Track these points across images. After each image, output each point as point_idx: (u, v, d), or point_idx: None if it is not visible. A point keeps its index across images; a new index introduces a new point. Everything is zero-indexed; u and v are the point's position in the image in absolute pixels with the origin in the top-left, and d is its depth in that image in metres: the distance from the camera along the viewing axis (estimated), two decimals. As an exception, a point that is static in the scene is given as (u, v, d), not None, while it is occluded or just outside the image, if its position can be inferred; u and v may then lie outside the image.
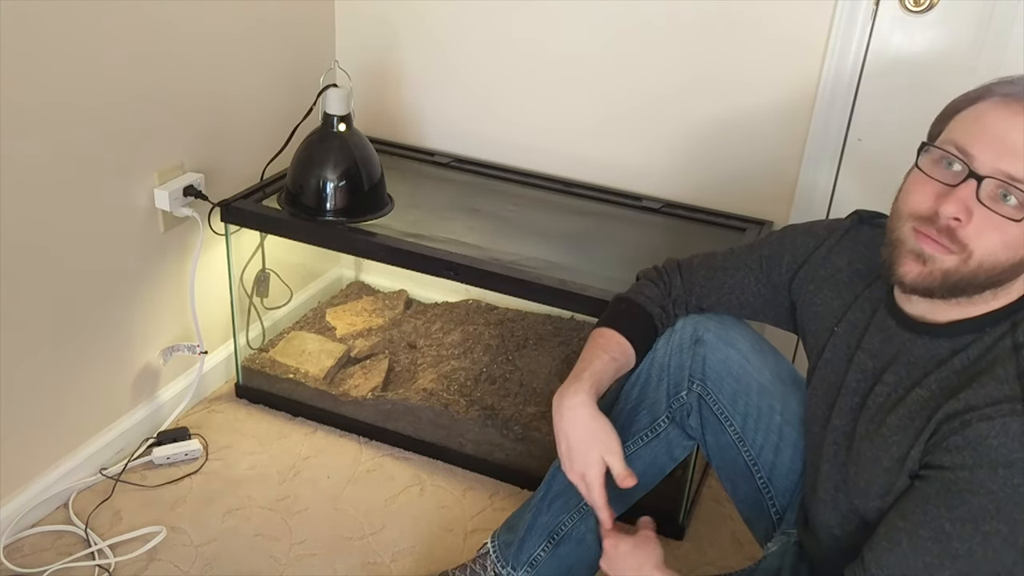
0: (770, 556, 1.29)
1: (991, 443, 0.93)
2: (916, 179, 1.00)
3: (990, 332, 0.99)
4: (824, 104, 1.78)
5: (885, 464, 1.04)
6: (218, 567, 1.58)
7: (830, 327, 1.18)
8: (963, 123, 0.98)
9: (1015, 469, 0.92)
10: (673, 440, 1.36)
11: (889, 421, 1.04)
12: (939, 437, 0.97)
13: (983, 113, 0.96)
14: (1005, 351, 0.97)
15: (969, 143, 0.95)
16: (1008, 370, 0.95)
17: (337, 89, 1.75)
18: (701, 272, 1.34)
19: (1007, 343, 0.98)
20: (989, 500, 0.93)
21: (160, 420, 1.89)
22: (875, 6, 1.68)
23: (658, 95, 1.92)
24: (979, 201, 0.94)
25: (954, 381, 0.99)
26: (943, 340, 1.02)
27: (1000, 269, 0.96)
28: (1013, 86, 0.97)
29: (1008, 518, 0.93)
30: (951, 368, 1.00)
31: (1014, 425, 0.92)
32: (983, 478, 0.93)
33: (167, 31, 1.66)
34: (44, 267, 1.55)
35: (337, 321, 2.16)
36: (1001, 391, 0.94)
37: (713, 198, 1.93)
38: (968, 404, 0.95)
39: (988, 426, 0.93)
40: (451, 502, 1.77)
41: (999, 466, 0.92)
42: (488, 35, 2.02)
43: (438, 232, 1.78)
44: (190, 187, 1.76)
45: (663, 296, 1.34)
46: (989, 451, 0.93)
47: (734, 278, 1.30)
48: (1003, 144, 0.93)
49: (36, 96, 1.45)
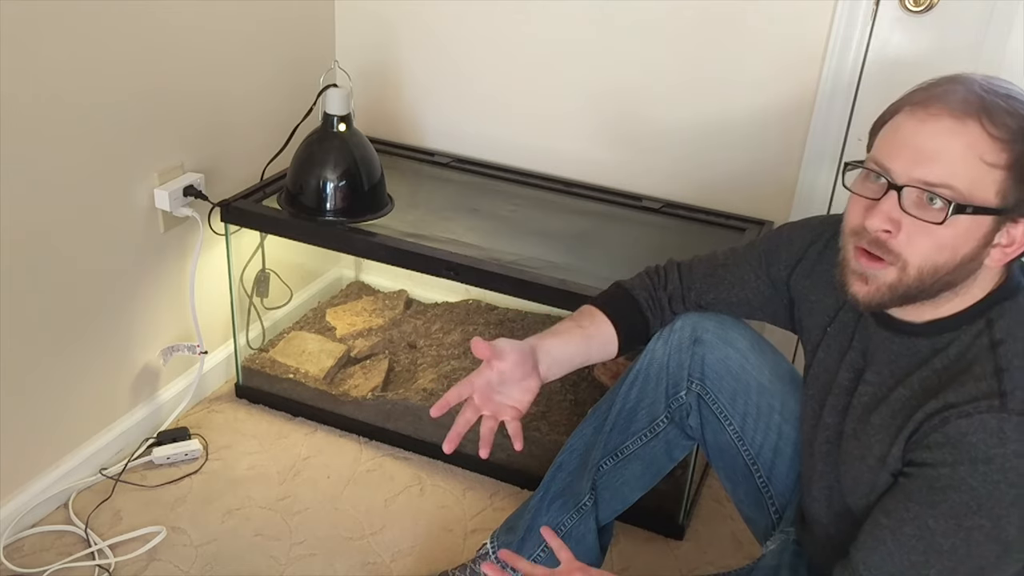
0: (769, 555, 1.29)
1: (970, 440, 0.94)
2: (850, 197, 1.04)
3: (967, 330, 1.01)
4: (824, 104, 1.78)
5: (869, 462, 1.05)
6: (218, 567, 1.58)
7: (823, 325, 1.19)
8: (883, 138, 1.01)
9: (994, 465, 0.93)
10: (672, 440, 1.36)
11: (872, 420, 1.06)
12: (920, 435, 0.99)
13: (898, 126, 0.99)
14: (982, 349, 0.98)
15: (886, 156, 0.98)
16: (986, 367, 0.97)
17: (337, 89, 1.75)
18: (701, 269, 1.34)
19: (984, 341, 0.99)
20: (970, 496, 0.94)
21: (160, 420, 1.89)
22: (875, 6, 1.68)
23: (659, 95, 1.92)
24: (903, 211, 0.96)
25: (934, 381, 1.00)
26: (922, 340, 1.04)
27: (944, 271, 0.97)
28: (924, 92, 0.99)
29: (990, 513, 0.94)
30: (931, 368, 1.02)
31: (992, 422, 0.93)
32: (963, 474, 0.94)
33: (167, 31, 1.66)
34: (44, 267, 1.55)
35: (337, 321, 2.16)
36: (979, 388, 0.95)
37: (713, 198, 1.93)
38: (947, 402, 0.97)
39: (967, 423, 0.94)
40: (451, 502, 1.77)
41: (979, 462, 0.93)
42: (488, 35, 2.02)
43: (438, 232, 1.78)
44: (190, 187, 1.76)
45: (655, 286, 1.35)
46: (968, 448, 0.94)
47: (734, 274, 1.31)
48: (915, 152, 0.96)
49: (36, 96, 1.45)
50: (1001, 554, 0.96)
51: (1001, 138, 0.93)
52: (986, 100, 0.94)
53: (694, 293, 1.34)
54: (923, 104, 0.97)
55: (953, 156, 0.94)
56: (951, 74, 1.00)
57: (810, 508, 1.20)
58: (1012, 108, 0.95)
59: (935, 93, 0.97)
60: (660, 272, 1.37)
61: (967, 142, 0.94)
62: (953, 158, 0.94)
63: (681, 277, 1.35)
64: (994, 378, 0.95)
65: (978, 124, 0.93)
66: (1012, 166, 0.94)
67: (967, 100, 0.95)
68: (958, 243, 0.96)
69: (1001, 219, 0.96)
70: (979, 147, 0.94)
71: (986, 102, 0.94)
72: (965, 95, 0.95)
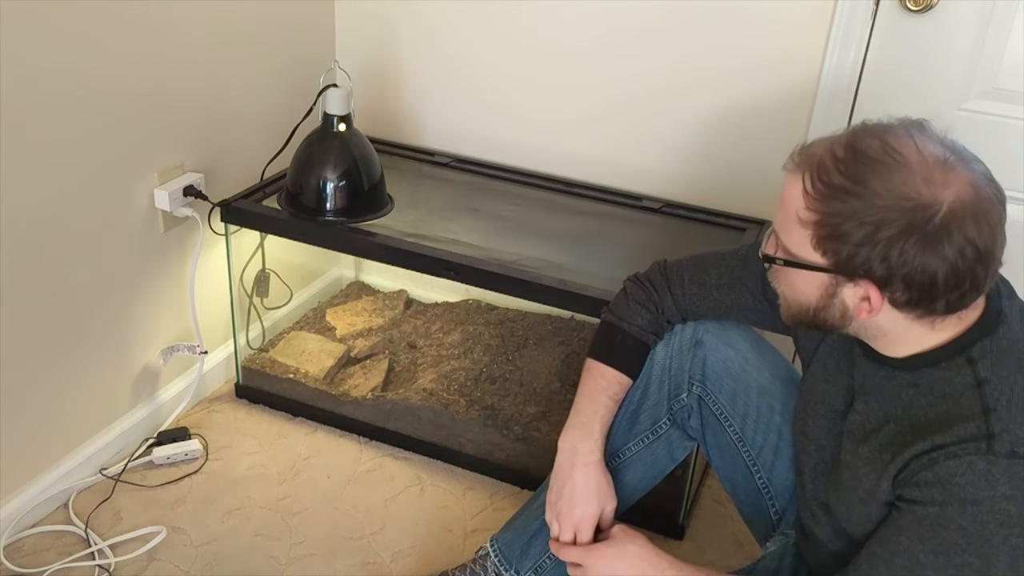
0: (768, 556, 1.29)
1: (958, 481, 0.93)
2: None
3: (947, 366, 0.99)
4: (824, 104, 1.77)
5: (860, 494, 1.05)
6: (218, 567, 1.58)
7: (815, 347, 1.19)
8: None
9: (983, 507, 0.93)
10: (674, 441, 1.37)
11: (861, 452, 1.05)
12: (909, 472, 0.98)
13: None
14: (967, 387, 0.97)
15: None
16: (974, 408, 0.95)
17: (337, 89, 1.75)
18: (694, 291, 1.31)
19: (968, 379, 0.97)
20: (960, 535, 0.94)
21: (160, 420, 1.89)
22: (875, 6, 1.68)
23: (659, 95, 1.92)
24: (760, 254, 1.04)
25: (921, 418, 0.99)
26: (903, 373, 1.02)
27: (812, 312, 1.01)
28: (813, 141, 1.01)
29: (979, 552, 0.94)
30: (918, 404, 1.00)
31: (980, 464, 0.92)
32: (953, 514, 0.94)
33: (167, 31, 1.66)
34: (44, 267, 1.55)
35: (337, 321, 2.16)
36: (967, 430, 0.94)
37: (713, 198, 1.93)
38: (935, 443, 0.96)
39: (955, 464, 0.93)
40: (451, 502, 1.77)
41: (967, 503, 0.93)
42: (488, 35, 2.02)
43: (438, 232, 1.78)
44: (190, 187, 1.76)
45: (655, 321, 1.33)
46: (957, 489, 0.93)
47: (730, 297, 1.28)
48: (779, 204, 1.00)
49: (36, 96, 1.45)
50: None
51: (816, 195, 0.94)
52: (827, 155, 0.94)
53: (692, 316, 1.32)
54: (790, 169, 0.99)
55: (785, 206, 0.98)
56: (910, 121, 0.97)
57: (807, 523, 1.21)
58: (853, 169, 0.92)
59: (814, 140, 0.99)
60: (654, 298, 1.32)
61: (792, 196, 0.96)
62: (784, 208, 0.98)
63: (674, 299, 1.32)
64: (982, 419, 0.94)
65: (802, 179, 0.95)
66: (819, 224, 0.94)
67: (812, 153, 0.96)
68: (799, 291, 1.01)
69: (835, 277, 0.96)
70: (797, 202, 0.96)
71: (825, 158, 0.94)
72: (821, 147, 0.96)
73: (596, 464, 1.28)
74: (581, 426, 1.29)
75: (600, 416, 1.30)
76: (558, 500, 1.28)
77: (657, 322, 1.33)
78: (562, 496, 1.28)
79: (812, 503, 1.18)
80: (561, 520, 1.27)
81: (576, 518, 1.26)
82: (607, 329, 1.35)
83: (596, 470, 1.28)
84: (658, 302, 1.32)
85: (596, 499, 1.27)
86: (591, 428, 1.29)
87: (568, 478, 1.27)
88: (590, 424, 1.29)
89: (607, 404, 1.31)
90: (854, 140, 0.95)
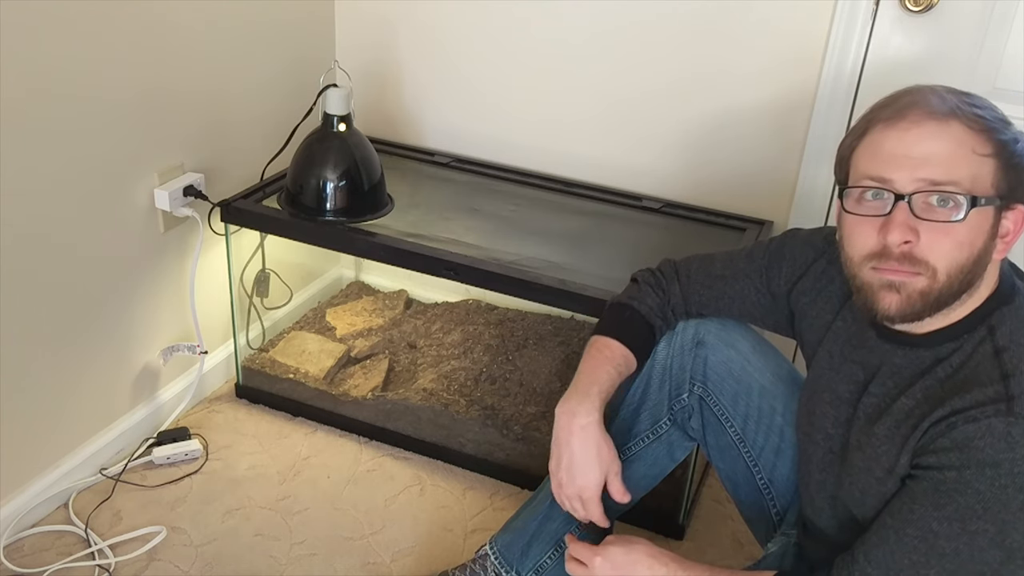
0: (769, 557, 1.29)
1: (977, 444, 0.94)
2: (851, 222, 1.03)
3: (968, 338, 1.01)
4: (824, 104, 1.78)
5: (877, 474, 1.05)
6: (218, 567, 1.58)
7: (821, 338, 1.19)
8: (865, 158, 1.02)
9: (1002, 469, 0.93)
10: (674, 441, 1.37)
11: (877, 431, 1.05)
12: (927, 439, 0.98)
13: (877, 142, 1.00)
14: (986, 356, 0.99)
15: (882, 170, 0.99)
16: (991, 373, 0.97)
17: (337, 89, 1.75)
18: (699, 279, 1.32)
19: (987, 348, 0.99)
20: (976, 500, 0.94)
21: (160, 420, 1.89)
22: (875, 6, 1.68)
23: (658, 95, 1.92)
24: (917, 217, 0.97)
25: (938, 390, 1.00)
26: (924, 350, 1.04)
27: (967, 269, 0.98)
28: (890, 107, 1.00)
29: (995, 518, 0.94)
30: (935, 377, 1.02)
31: (999, 425, 0.93)
32: (970, 478, 0.94)
33: (167, 31, 1.66)
34: (44, 267, 1.55)
35: (337, 321, 2.16)
36: (985, 393, 0.95)
37: (713, 198, 1.93)
38: (953, 408, 0.97)
39: (974, 427, 0.94)
40: (451, 502, 1.77)
41: (986, 466, 0.93)
42: (488, 35, 2.02)
43: (438, 232, 1.78)
44: (190, 187, 1.76)
45: (663, 306, 1.33)
46: (976, 452, 0.94)
47: (733, 288, 1.29)
48: (911, 159, 0.97)
49: (36, 96, 1.45)
50: (1004, 560, 0.96)
51: (982, 129, 0.96)
52: (954, 100, 0.98)
53: (694, 306, 1.33)
54: (898, 115, 0.98)
55: (948, 154, 0.96)
56: (905, 87, 1.02)
57: (812, 516, 1.20)
58: (977, 103, 0.98)
59: (905, 103, 0.99)
60: (663, 285, 1.34)
61: (956, 139, 0.96)
62: (949, 156, 0.96)
63: (681, 287, 1.33)
64: (1001, 383, 0.95)
65: (959, 121, 0.96)
66: (1000, 153, 0.96)
67: (940, 103, 0.97)
68: (973, 238, 0.97)
69: (1000, 208, 0.98)
70: (968, 141, 0.96)
71: (955, 102, 0.97)
72: (935, 99, 0.98)
73: (594, 424, 1.22)
74: (577, 392, 1.24)
75: (599, 381, 1.24)
76: (558, 469, 1.24)
77: (664, 308, 1.33)
78: (561, 464, 1.23)
79: (819, 497, 1.17)
80: (563, 491, 1.24)
81: (578, 487, 1.23)
82: (616, 308, 1.34)
83: (595, 431, 1.22)
84: (666, 288, 1.34)
85: (597, 464, 1.22)
86: (588, 391, 1.23)
87: (567, 444, 1.22)
88: (587, 388, 1.24)
89: (609, 373, 1.26)
90: (947, 88, 1.00)
